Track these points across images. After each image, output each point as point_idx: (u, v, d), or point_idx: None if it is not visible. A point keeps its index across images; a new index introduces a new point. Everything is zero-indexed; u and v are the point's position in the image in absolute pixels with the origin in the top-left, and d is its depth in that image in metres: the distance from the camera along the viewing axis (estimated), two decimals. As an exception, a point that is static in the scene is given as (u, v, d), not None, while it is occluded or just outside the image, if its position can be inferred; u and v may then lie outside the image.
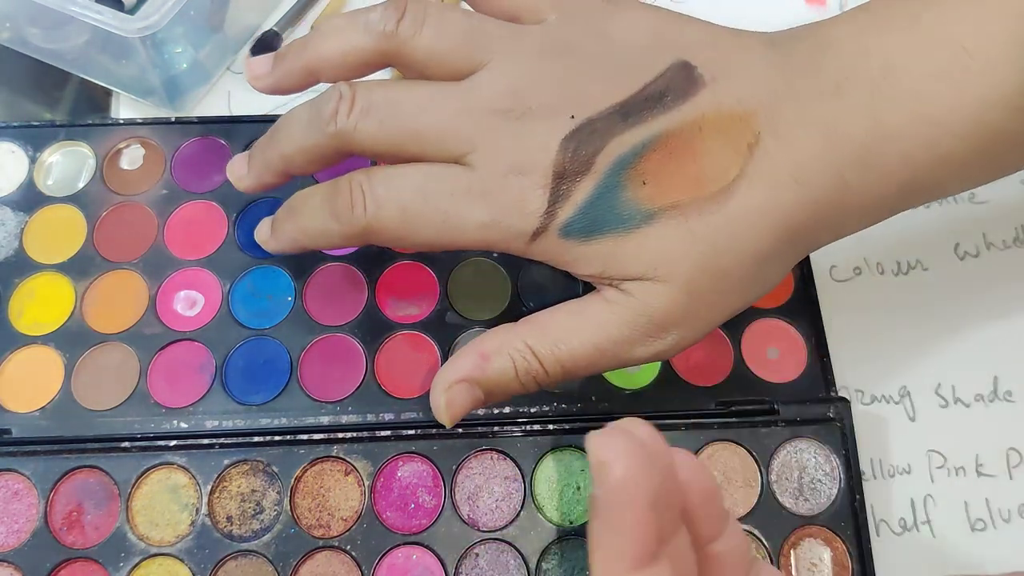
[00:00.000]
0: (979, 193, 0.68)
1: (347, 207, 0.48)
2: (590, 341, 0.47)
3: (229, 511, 0.56)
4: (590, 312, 0.48)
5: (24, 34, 0.68)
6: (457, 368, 0.49)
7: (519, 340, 0.48)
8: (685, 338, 0.48)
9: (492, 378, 0.49)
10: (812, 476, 0.57)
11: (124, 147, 0.65)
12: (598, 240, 0.46)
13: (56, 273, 0.62)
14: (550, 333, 0.48)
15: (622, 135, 0.46)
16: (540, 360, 0.48)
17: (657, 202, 0.45)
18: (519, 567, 0.55)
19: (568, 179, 0.46)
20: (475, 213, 0.46)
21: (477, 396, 0.49)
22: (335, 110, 0.47)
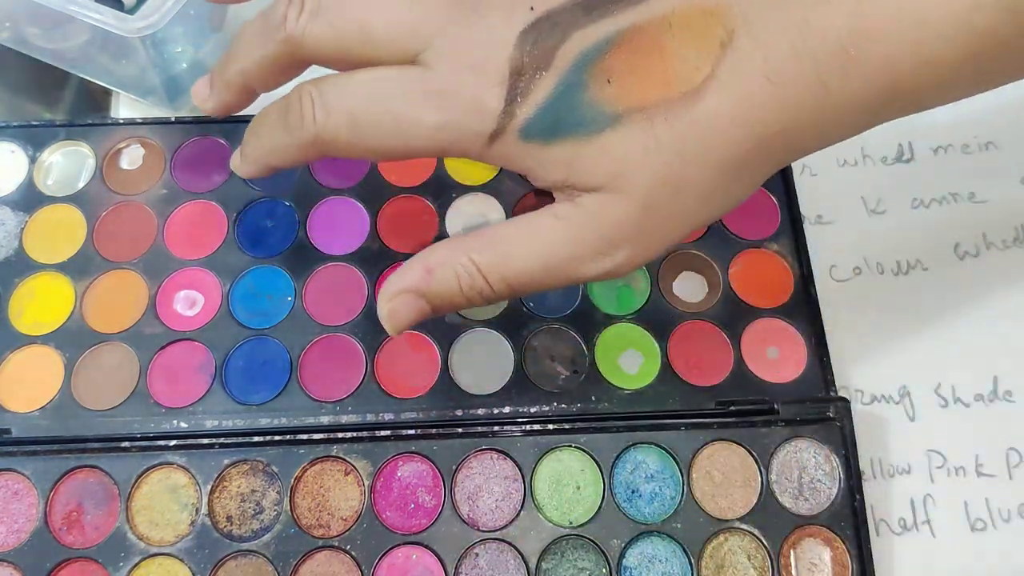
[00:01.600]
0: (979, 193, 0.68)
1: (297, 117, 0.46)
2: (537, 258, 0.45)
3: (229, 511, 0.56)
4: (538, 227, 0.46)
5: (24, 34, 0.68)
6: (402, 279, 0.47)
7: (464, 255, 0.46)
8: (637, 255, 0.45)
9: (436, 291, 0.47)
10: (812, 476, 0.57)
11: (124, 147, 0.65)
12: (559, 144, 0.43)
13: (56, 273, 0.62)
14: (496, 248, 0.46)
15: (585, 29, 0.43)
16: (485, 276, 0.46)
17: (622, 103, 0.42)
18: (519, 567, 0.55)
19: (527, 76, 0.43)
20: (428, 115, 0.44)
21: (422, 308, 0.47)
22: (284, 15, 0.46)
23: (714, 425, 0.58)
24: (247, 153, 0.51)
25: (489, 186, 0.65)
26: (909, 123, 0.70)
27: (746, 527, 0.55)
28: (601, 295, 0.62)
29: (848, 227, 0.67)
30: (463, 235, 0.48)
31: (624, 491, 0.56)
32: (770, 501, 0.56)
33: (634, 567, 0.55)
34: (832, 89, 0.42)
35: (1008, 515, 0.59)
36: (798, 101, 0.42)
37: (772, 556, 0.55)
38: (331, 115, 0.45)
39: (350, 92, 0.45)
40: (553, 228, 0.45)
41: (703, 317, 0.61)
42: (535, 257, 0.45)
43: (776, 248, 0.63)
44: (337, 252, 0.63)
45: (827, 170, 0.69)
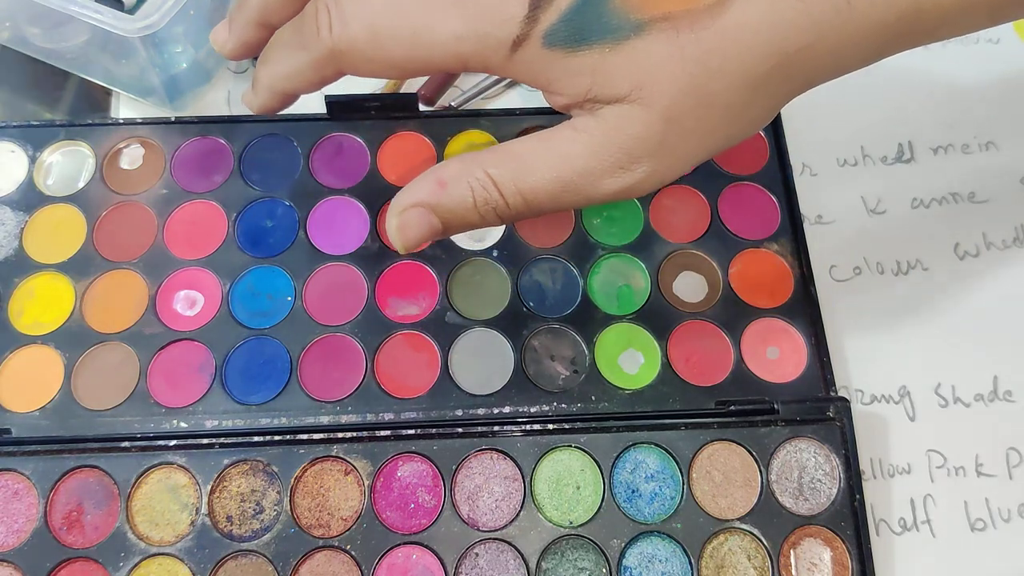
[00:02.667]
0: (979, 193, 0.68)
1: (313, 31, 0.45)
2: (555, 172, 0.44)
3: (229, 511, 0.56)
4: (557, 141, 0.45)
5: (24, 34, 0.68)
6: (413, 193, 0.46)
7: (479, 168, 0.45)
8: (657, 171, 0.44)
9: (448, 206, 0.45)
10: (812, 476, 0.57)
11: (124, 147, 0.65)
12: (583, 52, 0.42)
13: (56, 273, 0.62)
14: (512, 161, 0.45)
15: None
16: (500, 190, 0.45)
17: (647, 12, 0.41)
18: (519, 567, 0.55)
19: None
20: (449, 23, 0.43)
21: (433, 224, 0.46)
22: None
23: (714, 425, 0.58)
24: (260, 80, 0.50)
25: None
26: (909, 123, 0.71)
27: (746, 527, 0.55)
28: (601, 295, 0.62)
29: (848, 227, 0.67)
30: (476, 151, 0.47)
31: (624, 491, 0.56)
32: (770, 501, 0.56)
33: (634, 567, 0.55)
34: (856, 7, 0.42)
35: (1008, 515, 0.59)
36: (823, 18, 0.42)
37: (772, 556, 0.55)
38: (348, 25, 0.44)
39: (368, 2, 0.44)
40: (572, 140, 0.44)
41: (703, 317, 0.61)
42: (552, 170, 0.44)
43: (776, 248, 0.63)
44: (337, 252, 0.63)
45: (827, 170, 0.69)
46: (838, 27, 0.42)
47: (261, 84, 0.50)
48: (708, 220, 0.64)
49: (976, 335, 0.64)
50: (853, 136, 0.71)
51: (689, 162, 0.45)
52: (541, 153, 0.45)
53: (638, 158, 0.44)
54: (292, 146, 0.65)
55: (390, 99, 0.67)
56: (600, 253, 0.63)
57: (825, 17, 0.42)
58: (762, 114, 0.45)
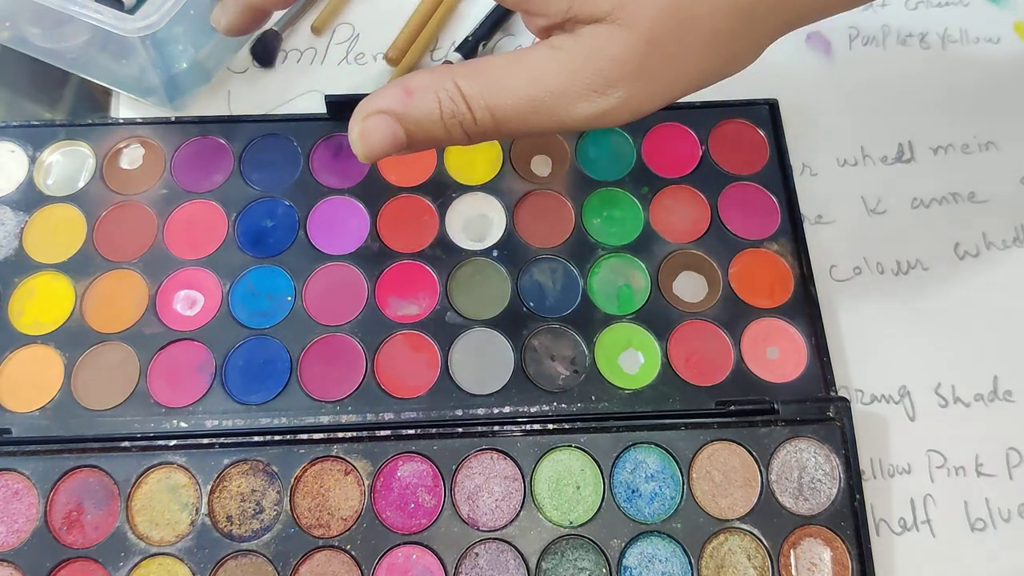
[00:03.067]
0: (979, 193, 0.68)
1: None
2: (527, 90, 0.43)
3: (229, 511, 0.56)
4: (532, 58, 0.43)
5: (24, 34, 0.68)
6: (378, 99, 0.44)
7: (449, 80, 0.43)
8: (633, 98, 0.43)
9: (414, 116, 0.44)
10: (812, 476, 0.57)
11: (124, 147, 0.65)
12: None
13: (56, 273, 0.62)
14: (484, 75, 0.43)
15: None
16: (469, 104, 0.43)
17: None
18: (519, 567, 0.55)
19: None
20: None
21: (397, 134, 0.44)
22: None
23: (714, 425, 0.58)
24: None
25: (489, 186, 0.65)
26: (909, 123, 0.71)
27: (746, 527, 0.55)
28: (601, 295, 0.62)
29: (848, 227, 0.67)
30: (449, 64, 0.45)
31: (624, 491, 0.56)
32: (770, 501, 0.56)
33: (634, 567, 0.55)
34: None
35: (1008, 515, 0.59)
36: None
37: (772, 556, 0.55)
38: None
39: None
40: (547, 58, 0.43)
41: (703, 317, 0.61)
42: (525, 88, 0.43)
43: (776, 248, 0.63)
44: (337, 252, 0.63)
45: (827, 170, 0.69)
46: None
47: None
48: (708, 220, 0.64)
49: (976, 335, 0.64)
50: (853, 136, 0.71)
51: (667, 92, 0.44)
52: (515, 70, 0.43)
53: (614, 81, 0.42)
54: (292, 146, 0.65)
55: (390, 99, 0.67)
56: (600, 253, 0.63)
57: None
58: (747, 49, 0.44)
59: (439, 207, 0.64)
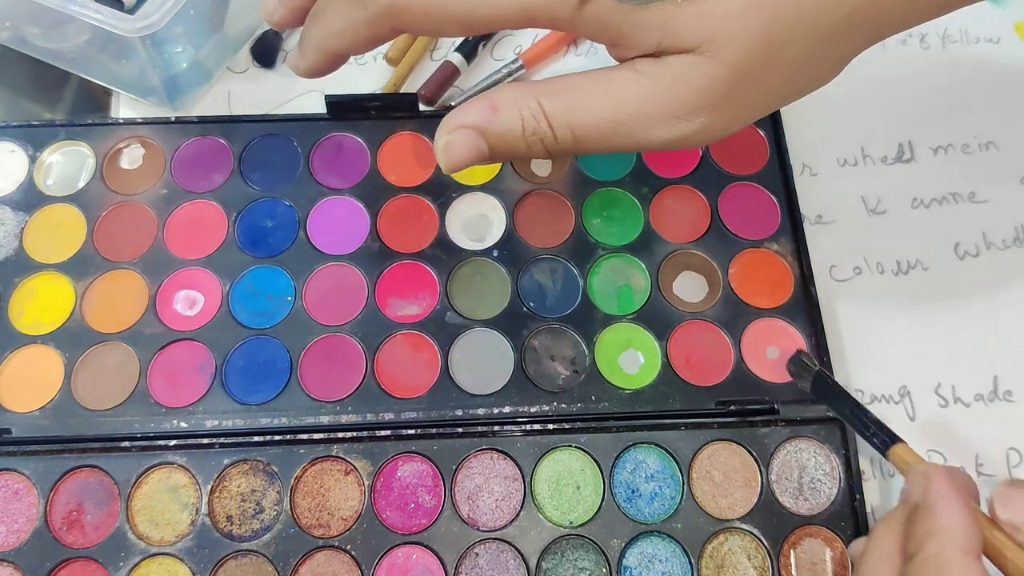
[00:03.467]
0: (979, 193, 0.68)
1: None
2: (608, 111, 0.43)
3: (229, 511, 0.56)
4: (614, 80, 0.43)
5: (24, 34, 0.68)
6: (464, 114, 0.45)
7: (532, 98, 0.44)
8: (714, 124, 0.43)
9: (498, 132, 0.44)
10: (812, 476, 0.57)
11: (124, 147, 0.65)
12: (656, 5, 0.41)
13: (56, 272, 0.62)
14: (567, 95, 0.43)
15: None
16: (551, 122, 0.43)
17: None
18: (519, 567, 0.55)
19: None
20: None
21: (480, 147, 0.45)
22: None
23: (714, 425, 0.58)
24: (309, 40, 0.48)
25: (489, 186, 0.65)
26: (909, 123, 0.71)
27: (746, 527, 0.55)
28: (601, 295, 0.62)
29: (848, 227, 0.67)
30: (532, 81, 0.45)
31: (624, 491, 0.56)
32: (770, 501, 0.56)
33: (634, 567, 0.55)
34: None
35: (1008, 515, 0.59)
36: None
37: (772, 556, 0.55)
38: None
39: None
40: (630, 81, 0.43)
41: (703, 317, 0.61)
42: (606, 109, 0.43)
43: (776, 248, 0.63)
44: (337, 252, 0.63)
45: (827, 170, 0.69)
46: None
47: (311, 43, 0.48)
48: (708, 220, 0.64)
49: (976, 335, 0.64)
50: (853, 136, 0.71)
51: (748, 118, 0.44)
52: (597, 91, 0.43)
53: (696, 109, 0.43)
54: (292, 146, 0.65)
55: (390, 99, 0.67)
56: (600, 253, 0.63)
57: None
58: (829, 68, 0.44)
59: (439, 207, 0.64)
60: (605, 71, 0.44)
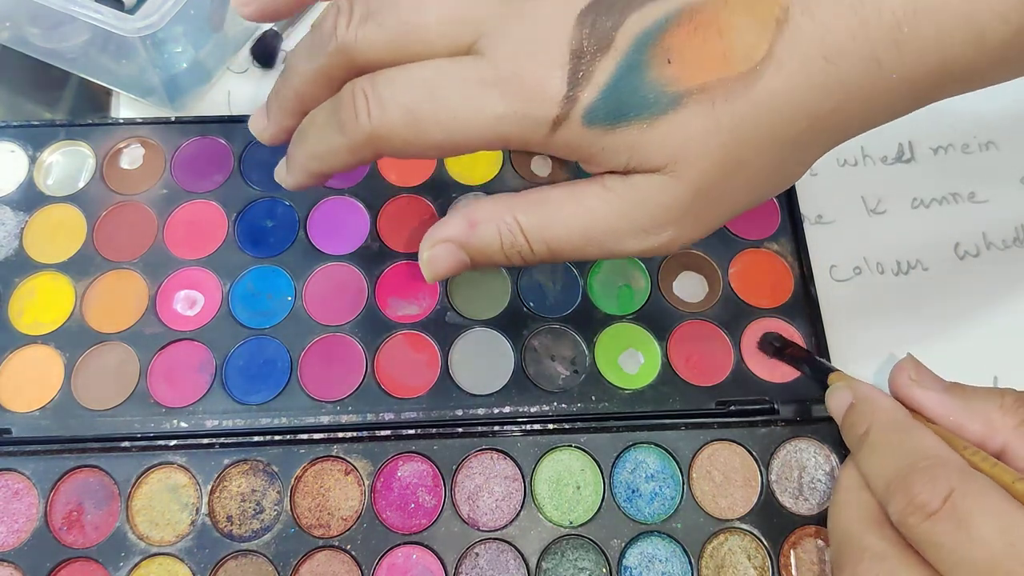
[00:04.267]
0: (979, 193, 0.68)
1: (351, 115, 0.44)
2: (580, 227, 0.45)
3: (229, 511, 0.56)
4: (585, 196, 0.45)
5: (24, 34, 0.68)
6: (445, 229, 0.47)
7: (509, 214, 0.46)
8: (682, 236, 0.45)
9: (477, 246, 0.46)
10: (812, 476, 0.57)
11: (124, 147, 0.66)
12: (623, 128, 0.42)
13: (56, 273, 0.62)
14: (541, 210, 0.46)
15: (643, 8, 0.42)
16: (527, 236, 0.46)
17: (683, 83, 0.42)
18: (519, 567, 0.55)
19: (588, 58, 0.42)
20: (488, 104, 0.42)
21: (462, 259, 0.47)
22: (333, 25, 0.45)
23: (714, 425, 0.58)
24: (294, 159, 0.49)
25: (489, 186, 0.65)
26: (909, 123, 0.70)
27: (746, 527, 0.55)
28: (601, 295, 0.62)
29: (848, 227, 0.67)
30: (509, 194, 0.47)
31: (624, 491, 0.56)
32: (770, 501, 0.56)
33: (634, 567, 0.55)
34: (885, 66, 0.42)
35: (1008, 515, 0.59)
36: (853, 79, 0.42)
37: (772, 556, 0.55)
38: (387, 110, 0.43)
39: (405, 85, 0.43)
40: (600, 198, 0.45)
41: (703, 317, 0.61)
42: (578, 225, 0.45)
43: (776, 248, 0.63)
44: (337, 252, 0.63)
45: (827, 170, 0.69)
46: (868, 87, 0.42)
47: (296, 164, 0.49)
48: (708, 220, 0.64)
49: (976, 335, 0.64)
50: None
51: (715, 224, 0.47)
52: (570, 206, 0.45)
53: (663, 224, 0.45)
54: (292, 146, 0.65)
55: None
56: (600, 253, 0.63)
57: (855, 78, 0.42)
58: (792, 173, 0.46)
59: (439, 207, 0.64)
60: (578, 186, 0.46)
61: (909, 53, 0.42)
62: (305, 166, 0.48)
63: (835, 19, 0.41)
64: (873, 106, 0.44)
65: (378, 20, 0.44)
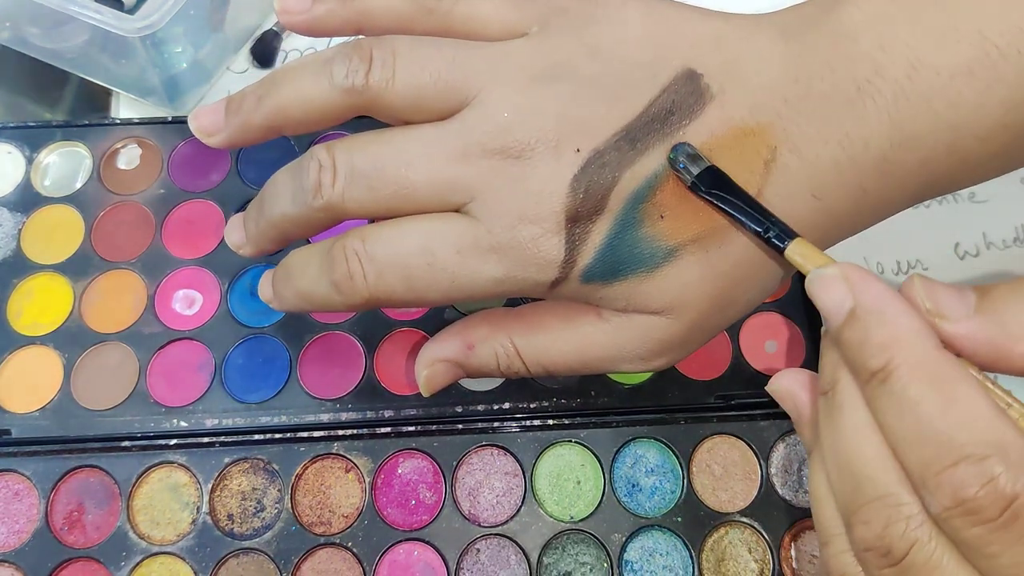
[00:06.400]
0: (979, 193, 0.68)
1: (346, 278, 0.44)
2: (576, 353, 0.46)
3: (230, 509, 0.56)
4: (581, 325, 0.46)
5: (24, 34, 0.68)
6: (442, 349, 0.48)
7: (506, 337, 0.47)
8: (675, 360, 0.47)
9: (475, 366, 0.48)
10: (812, 470, 0.57)
11: (121, 147, 0.66)
12: (619, 282, 0.43)
13: (54, 273, 0.62)
14: (537, 336, 0.46)
15: (634, 166, 0.42)
16: (523, 359, 0.46)
17: (677, 237, 0.42)
18: (520, 562, 0.55)
19: (582, 222, 0.42)
20: (487, 270, 0.43)
21: (458, 374, 0.48)
22: (318, 182, 0.44)
23: (714, 419, 0.58)
24: (284, 297, 0.48)
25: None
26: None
27: (747, 520, 0.56)
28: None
29: (847, 226, 0.67)
30: (504, 312, 0.48)
31: (624, 485, 0.56)
32: (770, 494, 0.56)
33: (635, 561, 0.55)
34: (870, 192, 0.43)
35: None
36: (840, 209, 0.43)
37: (773, 549, 0.55)
38: (383, 277, 0.44)
39: (401, 250, 0.44)
40: (597, 329, 0.45)
41: (702, 312, 0.61)
42: (574, 350, 0.46)
43: (774, 244, 0.63)
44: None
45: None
46: (851, 212, 0.44)
47: (285, 300, 0.49)
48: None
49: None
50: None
51: (707, 341, 0.47)
52: (566, 333, 0.46)
53: (659, 355, 0.46)
54: (289, 144, 0.65)
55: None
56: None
57: (842, 208, 0.43)
58: (776, 285, 0.47)
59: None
60: (574, 311, 0.46)
61: (894, 180, 0.43)
62: (296, 304, 0.48)
63: (822, 156, 0.42)
64: (855, 225, 0.46)
65: (366, 182, 0.44)
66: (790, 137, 0.42)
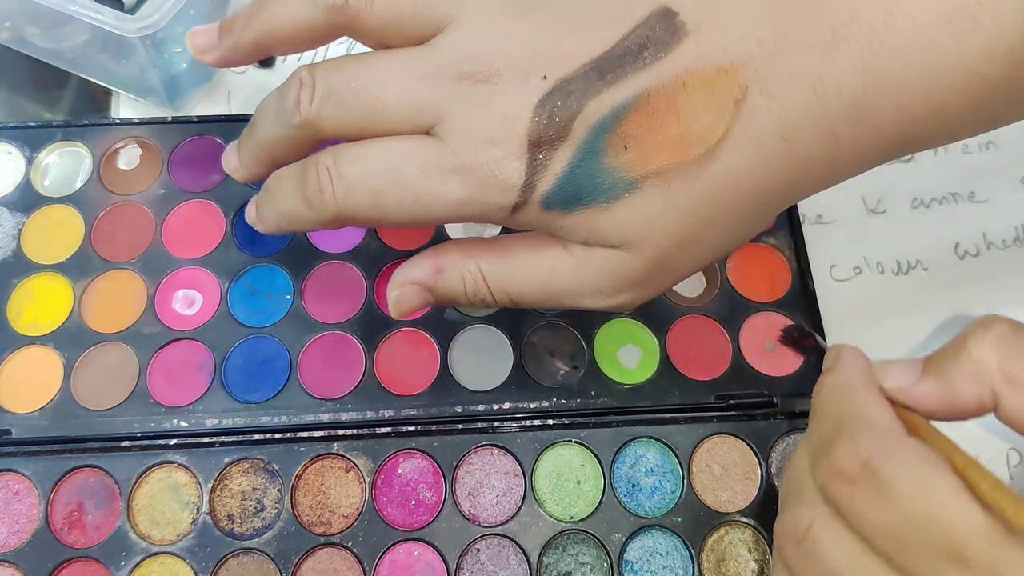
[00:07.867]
0: (979, 193, 0.68)
1: (316, 193, 0.45)
2: (540, 283, 0.47)
3: (230, 509, 0.56)
4: (548, 255, 0.46)
5: (24, 34, 0.68)
6: (412, 272, 0.49)
7: (473, 262, 0.47)
8: (637, 299, 0.47)
9: (442, 289, 0.48)
10: (812, 470, 0.57)
11: (121, 147, 0.66)
12: (580, 211, 0.44)
13: (54, 273, 0.62)
14: (504, 262, 0.47)
15: (600, 96, 0.42)
16: (489, 286, 0.47)
17: (640, 169, 0.43)
18: (520, 562, 0.55)
19: (545, 147, 0.43)
20: (449, 190, 0.44)
21: (427, 299, 0.49)
22: (297, 99, 0.46)
23: (713, 419, 0.58)
24: (264, 215, 0.50)
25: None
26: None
27: (747, 520, 0.56)
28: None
29: (848, 227, 0.67)
30: (475, 240, 0.49)
31: (624, 485, 0.56)
32: (770, 494, 0.56)
33: (635, 561, 0.55)
34: (843, 140, 0.42)
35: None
36: (810, 155, 0.43)
37: (772, 548, 0.55)
38: (351, 192, 0.45)
39: (369, 168, 0.45)
40: (562, 260, 0.46)
41: (701, 311, 0.61)
42: (538, 280, 0.47)
43: (773, 242, 0.63)
44: (335, 250, 0.63)
45: (825, 168, 0.69)
46: (823, 159, 0.43)
47: (266, 219, 0.50)
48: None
49: (976, 333, 0.64)
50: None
51: (670, 286, 0.49)
52: (531, 262, 0.47)
53: (620, 291, 0.46)
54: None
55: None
56: (599, 250, 0.63)
57: (813, 154, 0.43)
58: (747, 234, 0.47)
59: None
60: (540, 242, 0.47)
61: (867, 129, 0.42)
62: (275, 223, 0.50)
63: (793, 99, 0.42)
64: (830, 175, 0.45)
65: (340, 100, 0.45)
66: (762, 78, 0.42)
